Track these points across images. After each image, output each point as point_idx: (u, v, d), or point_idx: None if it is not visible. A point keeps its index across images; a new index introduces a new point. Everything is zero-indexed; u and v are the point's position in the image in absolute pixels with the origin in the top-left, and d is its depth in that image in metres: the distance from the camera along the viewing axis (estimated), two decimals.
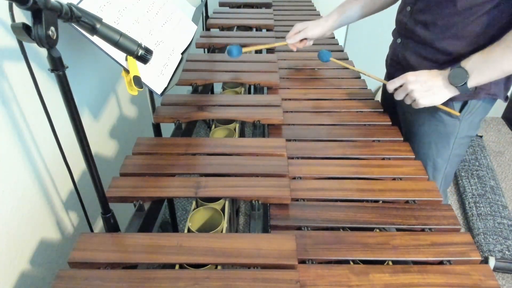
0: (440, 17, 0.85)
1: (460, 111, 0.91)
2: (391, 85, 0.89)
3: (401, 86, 0.88)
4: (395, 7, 1.05)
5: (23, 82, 0.71)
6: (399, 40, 0.99)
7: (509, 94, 0.92)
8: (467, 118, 0.92)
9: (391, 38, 1.05)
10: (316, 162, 0.85)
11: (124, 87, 1.19)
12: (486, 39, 0.81)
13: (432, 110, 0.94)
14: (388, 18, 1.18)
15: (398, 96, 0.89)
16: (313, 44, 1.21)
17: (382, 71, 1.11)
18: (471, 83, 0.78)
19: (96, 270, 0.59)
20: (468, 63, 0.78)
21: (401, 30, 0.98)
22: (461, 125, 0.93)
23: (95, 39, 0.61)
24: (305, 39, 1.17)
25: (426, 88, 0.84)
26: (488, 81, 0.80)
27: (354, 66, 1.17)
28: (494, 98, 0.91)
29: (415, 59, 0.94)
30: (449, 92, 0.83)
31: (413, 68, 0.90)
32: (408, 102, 0.88)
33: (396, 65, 1.01)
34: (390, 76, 1.02)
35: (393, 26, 1.04)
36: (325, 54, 1.19)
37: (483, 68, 0.77)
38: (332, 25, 1.14)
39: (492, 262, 1.47)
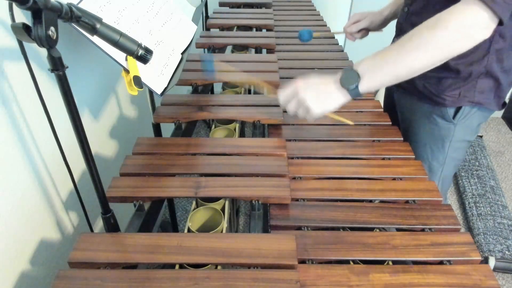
0: None
1: (454, 116, 0.91)
2: (283, 97, 0.79)
3: (292, 97, 0.78)
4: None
5: (23, 82, 0.71)
6: (395, 40, 0.99)
7: (507, 99, 0.91)
8: (463, 122, 0.91)
9: (390, 39, 1.05)
10: (316, 162, 0.85)
11: (124, 87, 1.19)
12: (477, 45, 0.79)
13: (427, 112, 0.93)
14: None
15: (291, 108, 0.78)
16: (313, 39, 1.19)
17: None
18: (363, 86, 0.72)
19: (96, 270, 0.59)
20: (361, 66, 0.72)
21: (398, 31, 0.98)
22: (456, 129, 0.92)
23: (95, 39, 0.61)
24: (364, 29, 1.13)
25: (317, 94, 0.76)
26: (381, 85, 0.73)
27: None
28: (481, 106, 0.88)
29: None
30: (341, 95, 0.75)
31: None
32: (301, 114, 0.78)
33: None
34: None
35: (392, 27, 1.04)
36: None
37: (375, 70, 0.71)
38: (388, 15, 1.10)
39: (492, 262, 1.47)
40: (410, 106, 0.98)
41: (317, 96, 0.75)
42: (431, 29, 0.66)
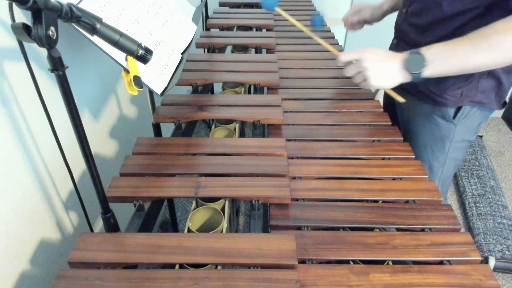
0: (430, 21, 0.85)
1: (455, 116, 0.91)
2: (345, 56, 0.82)
3: (355, 61, 0.81)
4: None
5: (23, 82, 0.71)
6: (394, 41, 1.00)
7: (507, 99, 0.91)
8: (463, 122, 0.91)
9: (390, 38, 1.06)
10: (316, 162, 0.84)
11: (124, 87, 1.19)
12: None
13: (428, 112, 0.93)
14: (388, 18, 1.18)
15: (349, 72, 0.82)
16: (312, 39, 1.19)
17: None
18: (427, 72, 0.74)
19: (96, 270, 0.59)
20: (429, 52, 0.74)
21: (397, 32, 0.98)
22: (456, 129, 0.92)
23: (95, 39, 0.61)
24: (363, 21, 1.15)
25: (380, 69, 0.78)
26: (443, 74, 0.76)
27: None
28: (482, 106, 0.89)
29: None
30: (402, 77, 0.77)
31: None
32: (357, 80, 0.82)
33: None
34: None
35: (392, 27, 1.04)
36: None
37: (442, 59, 0.73)
38: (387, 9, 1.12)
39: (492, 262, 1.47)
40: (411, 107, 0.99)
41: (379, 71, 0.78)
42: (502, 34, 0.68)
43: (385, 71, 0.78)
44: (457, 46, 0.72)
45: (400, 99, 0.88)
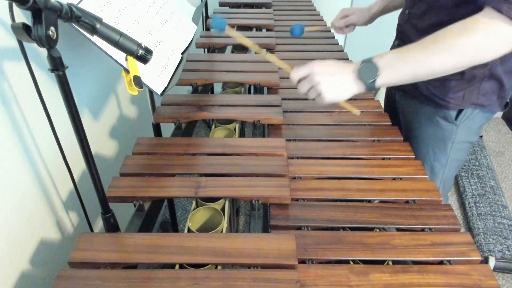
0: (434, 22, 0.84)
1: (457, 117, 0.91)
2: (295, 74, 0.77)
3: (306, 77, 0.76)
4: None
5: (23, 82, 0.71)
6: (396, 42, 1.00)
7: (509, 100, 0.91)
8: (465, 123, 0.91)
9: (390, 39, 1.05)
10: (316, 162, 0.84)
11: (124, 87, 1.19)
12: None
13: (430, 114, 0.93)
14: (388, 18, 1.18)
15: (302, 88, 0.77)
16: (312, 39, 1.20)
17: None
18: (380, 81, 0.71)
19: (96, 270, 0.59)
20: (382, 59, 0.71)
21: (399, 33, 0.98)
22: (458, 131, 0.92)
23: (95, 39, 0.61)
24: (352, 24, 1.15)
25: (333, 81, 0.74)
26: (398, 82, 0.73)
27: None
28: (483, 108, 0.89)
29: None
30: (356, 87, 0.74)
31: None
32: (312, 96, 0.77)
33: None
34: None
35: (393, 27, 1.04)
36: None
37: (395, 66, 0.71)
38: (377, 12, 1.12)
39: (492, 262, 1.47)
40: (413, 109, 0.98)
41: (332, 83, 0.74)
42: (456, 36, 0.65)
43: (338, 83, 0.74)
44: (409, 51, 0.70)
45: (356, 111, 0.86)
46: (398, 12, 1.02)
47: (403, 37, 0.95)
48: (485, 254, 1.49)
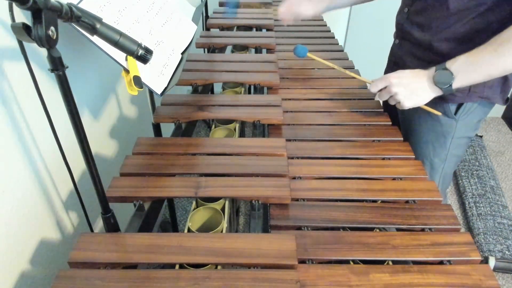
0: (435, 19, 0.85)
1: (456, 112, 0.91)
2: (374, 88, 0.88)
3: (384, 88, 0.86)
4: (396, 7, 1.05)
5: (23, 82, 0.71)
6: (397, 41, 1.00)
7: (509, 95, 0.92)
8: (464, 118, 0.92)
9: (391, 38, 1.06)
10: (316, 162, 0.84)
11: (124, 87, 1.19)
12: (481, 41, 0.80)
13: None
14: (388, 18, 1.18)
15: (382, 98, 0.88)
16: (312, 39, 1.19)
17: (382, 71, 1.11)
18: (456, 84, 0.78)
19: (96, 270, 0.59)
20: (454, 65, 0.77)
21: (399, 31, 0.99)
22: (457, 126, 0.93)
23: (95, 39, 0.61)
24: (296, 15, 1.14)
25: (410, 90, 0.83)
26: (472, 83, 0.80)
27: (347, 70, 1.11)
28: (488, 101, 0.90)
29: (411, 60, 0.94)
30: (433, 92, 0.82)
31: (409, 69, 0.90)
32: (392, 103, 0.87)
33: (393, 66, 1.02)
34: None
35: (393, 26, 1.04)
36: (301, 50, 1.11)
37: (469, 70, 0.76)
38: (326, 6, 1.11)
39: (492, 262, 1.47)
40: None
41: (410, 92, 0.83)
42: None
43: (415, 90, 0.83)
44: (481, 54, 0.75)
45: (436, 112, 0.91)
46: (395, 12, 1.03)
47: (404, 35, 0.95)
48: (485, 254, 1.49)
